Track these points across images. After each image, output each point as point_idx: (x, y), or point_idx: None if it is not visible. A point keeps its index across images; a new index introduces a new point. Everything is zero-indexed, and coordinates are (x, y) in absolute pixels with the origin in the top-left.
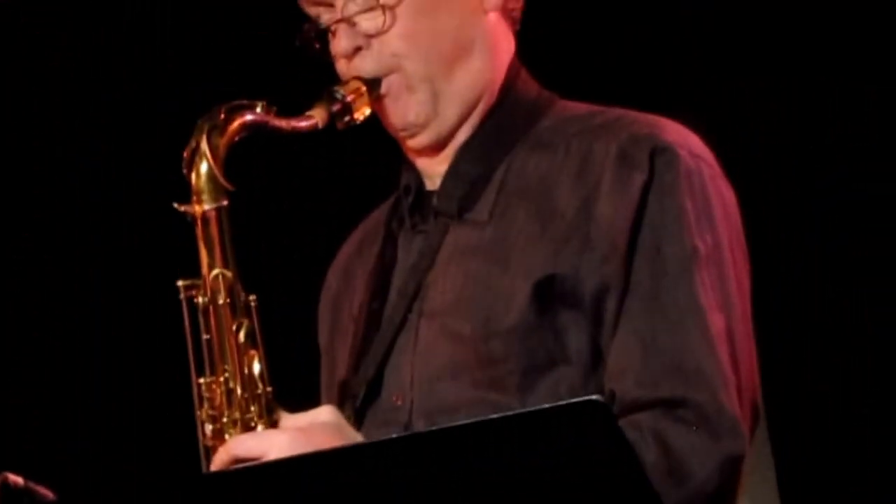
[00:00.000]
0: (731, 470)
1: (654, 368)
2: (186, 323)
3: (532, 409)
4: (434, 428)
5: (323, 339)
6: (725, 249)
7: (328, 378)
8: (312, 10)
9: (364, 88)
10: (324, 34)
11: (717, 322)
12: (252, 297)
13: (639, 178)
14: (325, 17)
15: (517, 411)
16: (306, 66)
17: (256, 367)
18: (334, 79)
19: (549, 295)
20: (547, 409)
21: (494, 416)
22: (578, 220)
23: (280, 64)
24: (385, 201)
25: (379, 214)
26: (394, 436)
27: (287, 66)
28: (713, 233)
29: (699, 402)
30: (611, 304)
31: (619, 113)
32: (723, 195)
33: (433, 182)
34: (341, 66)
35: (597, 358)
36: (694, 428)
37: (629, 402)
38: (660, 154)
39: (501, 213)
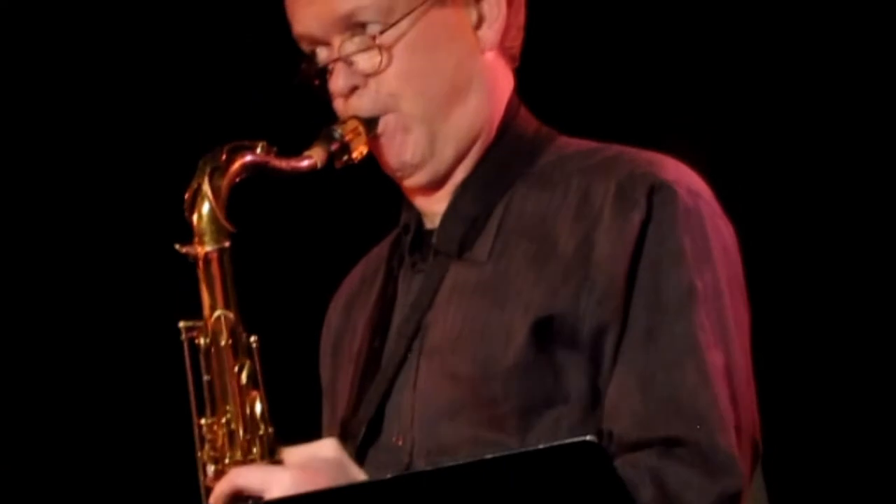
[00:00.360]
0: None
1: (652, 408)
2: (187, 364)
3: (527, 449)
4: (431, 467)
5: (325, 376)
6: (724, 287)
7: (330, 415)
8: (309, 49)
9: (362, 128)
10: (322, 72)
11: (715, 360)
12: (254, 338)
13: (637, 217)
14: (322, 55)
15: (512, 451)
16: (304, 101)
17: (258, 408)
18: (331, 114)
19: (548, 334)
20: (542, 449)
21: (490, 455)
22: (577, 259)
23: (279, 100)
24: (386, 237)
25: (380, 251)
26: (390, 475)
27: (286, 103)
28: (711, 270)
29: (696, 440)
30: (609, 344)
31: (618, 150)
32: (721, 233)
33: (432, 220)
34: (338, 105)
35: (595, 397)
36: (690, 466)
37: (627, 443)
38: (658, 192)
39: (500, 253)
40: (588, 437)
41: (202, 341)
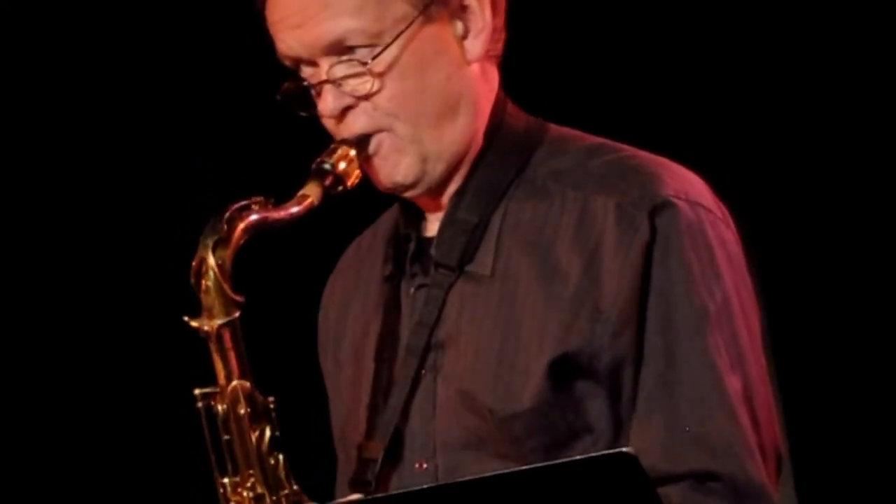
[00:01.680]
0: None
1: (678, 442)
2: (205, 429)
3: (564, 460)
4: (470, 478)
5: (327, 368)
6: (734, 299)
7: (336, 417)
8: (293, 66)
9: (353, 153)
10: (305, 90)
11: (734, 385)
12: (271, 400)
13: (640, 241)
14: (307, 72)
15: (549, 462)
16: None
17: (282, 469)
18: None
19: (565, 371)
20: (578, 460)
21: (527, 466)
22: (584, 287)
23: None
24: (380, 219)
25: (373, 240)
26: (429, 485)
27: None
28: (720, 285)
29: (727, 474)
30: (627, 377)
31: (615, 156)
32: (724, 240)
33: (430, 227)
34: (329, 124)
35: (617, 425)
36: (723, 499)
37: (656, 477)
38: (659, 212)
39: (504, 269)
40: (625, 449)
41: (219, 409)
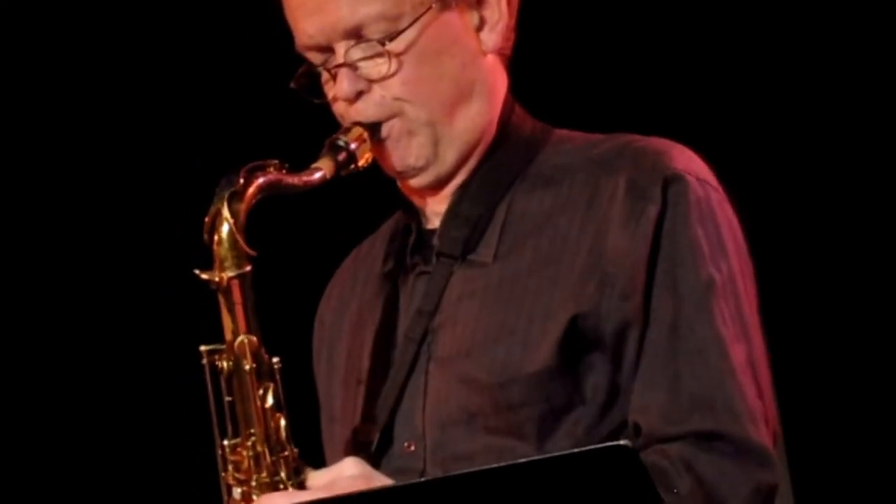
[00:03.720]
0: (765, 500)
1: (681, 404)
2: (209, 387)
3: (561, 453)
4: (468, 471)
5: (320, 374)
6: (738, 277)
7: (327, 421)
8: (310, 55)
9: (366, 134)
10: (318, 78)
11: (738, 353)
12: (276, 360)
13: (652, 211)
14: (319, 59)
15: (546, 455)
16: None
17: (283, 430)
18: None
19: (573, 337)
20: (576, 453)
21: (524, 459)
22: (593, 258)
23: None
24: (377, 232)
25: (371, 248)
26: (423, 479)
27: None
28: (726, 261)
29: (729, 433)
30: (632, 341)
31: (623, 140)
32: (730, 219)
33: (431, 221)
34: (339, 109)
35: (612, 396)
36: (725, 457)
37: (658, 436)
38: (671, 184)
39: (507, 254)
40: (622, 442)
41: (224, 365)
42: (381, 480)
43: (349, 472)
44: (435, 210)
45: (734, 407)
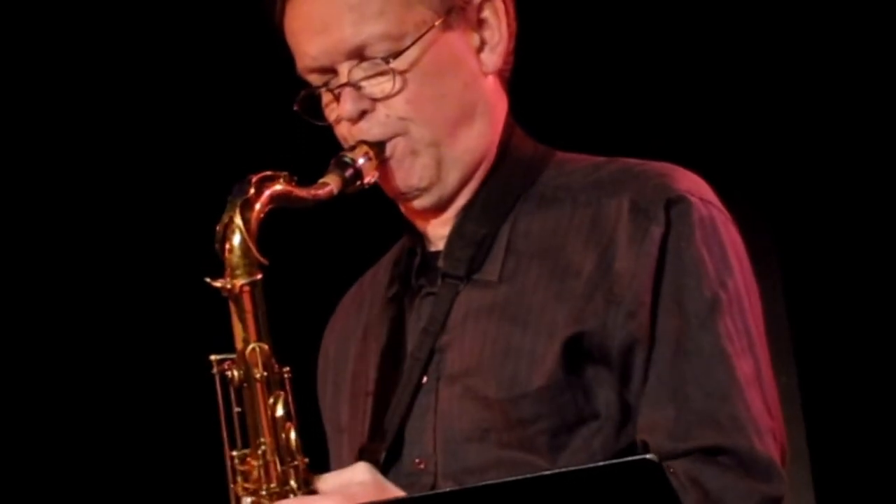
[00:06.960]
0: None
1: (687, 420)
2: (219, 397)
3: (586, 466)
4: (491, 482)
5: (326, 404)
6: (743, 294)
7: (336, 447)
8: (312, 77)
9: (372, 153)
10: (319, 100)
11: (744, 367)
12: (286, 370)
13: (657, 231)
14: (322, 80)
15: (571, 468)
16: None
17: (293, 440)
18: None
19: (578, 353)
20: (601, 466)
21: (548, 472)
22: (598, 276)
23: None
24: (379, 261)
25: (375, 276)
26: (447, 489)
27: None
28: (732, 279)
29: (735, 447)
30: (639, 359)
31: (623, 163)
32: (734, 240)
33: (434, 244)
34: (342, 130)
35: (626, 412)
36: (730, 470)
37: (664, 455)
38: (674, 205)
39: (512, 274)
40: (649, 456)
41: (234, 374)
42: (392, 489)
43: (360, 478)
44: (438, 233)
45: (739, 420)
